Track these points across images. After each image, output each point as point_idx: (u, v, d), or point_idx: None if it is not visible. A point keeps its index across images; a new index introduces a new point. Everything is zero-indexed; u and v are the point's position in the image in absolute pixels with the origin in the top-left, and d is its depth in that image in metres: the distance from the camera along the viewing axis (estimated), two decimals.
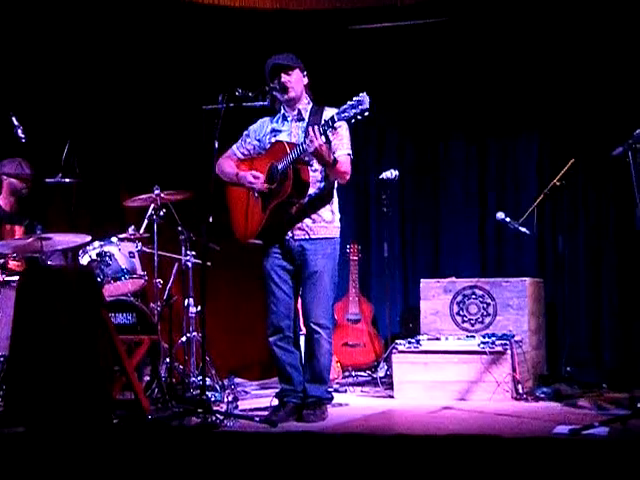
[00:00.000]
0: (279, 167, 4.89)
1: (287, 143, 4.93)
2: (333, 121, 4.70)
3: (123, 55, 6.90)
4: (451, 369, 5.73)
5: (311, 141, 4.70)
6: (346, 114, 4.64)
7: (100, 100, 6.83)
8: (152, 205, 6.03)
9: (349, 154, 5.02)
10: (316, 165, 4.95)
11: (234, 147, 5.28)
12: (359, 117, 4.64)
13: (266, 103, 5.04)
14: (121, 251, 5.91)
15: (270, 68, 5.03)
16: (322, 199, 5.03)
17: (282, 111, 5.13)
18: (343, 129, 4.96)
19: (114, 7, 6.74)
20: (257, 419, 4.80)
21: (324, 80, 5.38)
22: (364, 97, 4.61)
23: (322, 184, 5.02)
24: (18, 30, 6.47)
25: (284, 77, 5.02)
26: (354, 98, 4.63)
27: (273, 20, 7.12)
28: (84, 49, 6.75)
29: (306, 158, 4.87)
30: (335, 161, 4.87)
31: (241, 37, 7.09)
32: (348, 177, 5.04)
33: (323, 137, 4.74)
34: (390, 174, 6.70)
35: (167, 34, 6.99)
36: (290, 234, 5.02)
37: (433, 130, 7.38)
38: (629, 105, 6.30)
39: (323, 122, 4.77)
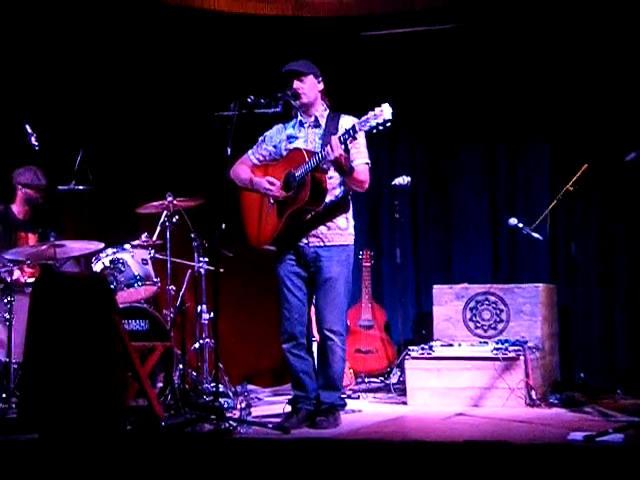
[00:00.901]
0: (297, 174, 4.89)
1: (306, 151, 4.93)
2: (355, 131, 4.69)
3: (136, 62, 6.93)
4: (464, 375, 5.71)
5: (332, 150, 4.70)
6: (368, 124, 4.63)
7: (113, 107, 6.86)
8: (165, 212, 6.05)
9: (367, 163, 5.03)
10: (332, 173, 4.95)
11: (249, 152, 5.29)
12: (380, 128, 4.63)
13: (278, 110, 5.04)
14: (134, 258, 5.92)
15: (283, 75, 5.05)
16: (338, 207, 5.03)
17: (298, 117, 5.14)
18: (361, 137, 4.94)
19: (128, 15, 6.77)
20: (270, 426, 4.80)
21: (337, 86, 5.37)
22: (386, 108, 4.60)
23: (338, 192, 5.02)
24: (32, 38, 6.50)
25: (296, 84, 5.03)
26: (376, 108, 4.62)
27: (286, 27, 7.14)
28: (97, 57, 6.78)
29: (324, 166, 4.87)
30: (352, 169, 4.87)
31: (254, 44, 7.11)
32: (367, 186, 5.04)
33: (342, 146, 4.74)
34: (402, 180, 6.70)
35: (180, 41, 7.02)
36: (305, 241, 5.02)
37: (445, 136, 7.38)
38: None
39: (344, 131, 4.75)
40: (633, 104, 6.48)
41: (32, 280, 5.70)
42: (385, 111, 4.60)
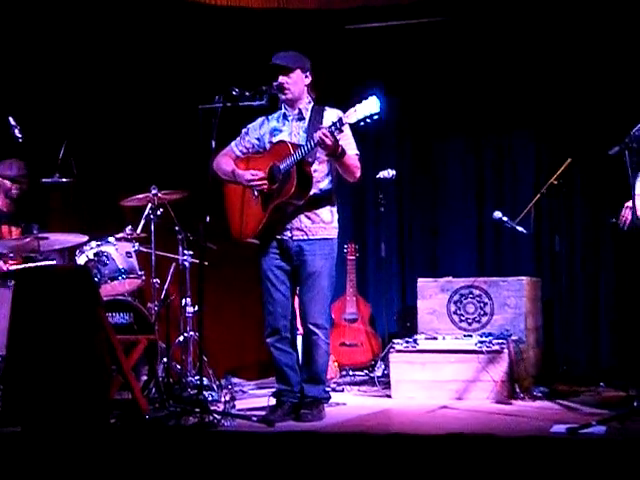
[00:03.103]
0: (281, 167, 4.88)
1: (290, 144, 4.91)
2: (341, 124, 4.68)
3: (120, 55, 6.89)
4: (448, 368, 5.73)
5: (323, 141, 4.68)
6: (355, 117, 4.62)
7: (97, 100, 6.82)
8: (149, 205, 6.03)
9: (357, 154, 5.03)
10: (317, 166, 4.95)
11: (232, 144, 5.27)
12: (368, 120, 4.62)
13: (263, 102, 5.02)
14: (118, 251, 5.90)
15: (270, 66, 5.01)
16: (322, 200, 5.02)
17: (282, 110, 5.12)
18: (347, 129, 4.93)
19: (111, 7, 6.74)
20: (254, 419, 4.80)
21: (323, 78, 5.36)
22: (374, 100, 4.59)
23: (323, 185, 5.02)
24: (16, 30, 6.46)
25: (282, 78, 5.00)
26: (363, 101, 4.61)
27: (271, 19, 7.12)
28: (81, 49, 6.74)
29: (309, 159, 4.87)
30: (344, 151, 4.83)
31: (239, 36, 7.08)
32: (359, 175, 5.03)
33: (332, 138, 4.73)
34: (387, 173, 6.70)
35: (164, 33, 6.98)
36: (289, 234, 5.01)
37: (430, 129, 7.39)
38: (625, 104, 6.30)
39: (331, 123, 4.74)
40: (617, 98, 6.51)
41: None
42: (373, 104, 4.59)
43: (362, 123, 4.66)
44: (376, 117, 4.61)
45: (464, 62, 7.18)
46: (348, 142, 4.98)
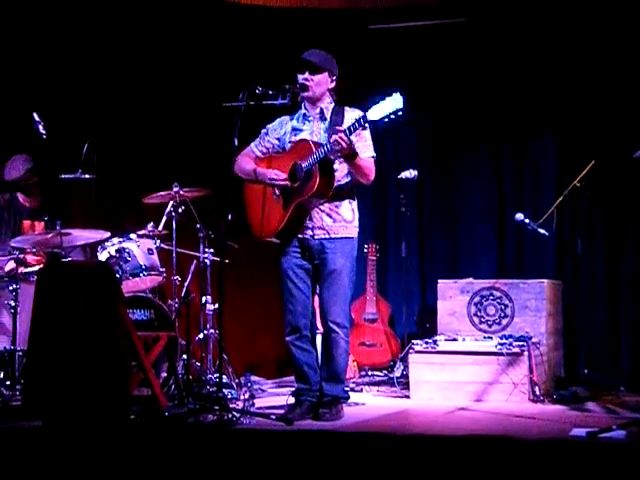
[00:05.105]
0: (303, 166, 4.88)
1: (312, 142, 4.91)
2: (365, 120, 4.68)
3: (144, 52, 6.92)
4: (468, 370, 5.72)
5: (338, 144, 4.68)
6: (380, 113, 4.62)
7: (120, 97, 6.86)
8: (171, 202, 6.05)
9: (373, 156, 5.02)
10: (338, 165, 4.94)
11: (252, 145, 5.27)
12: (392, 117, 4.62)
13: (286, 101, 5.02)
14: (140, 248, 5.92)
15: (300, 61, 4.98)
16: (343, 198, 5.02)
17: (302, 110, 5.12)
18: (366, 131, 4.94)
19: (135, 4, 6.77)
20: (273, 417, 4.80)
21: (343, 78, 5.35)
22: (397, 97, 4.60)
23: (344, 183, 5.01)
24: (39, 28, 6.50)
25: (308, 75, 4.98)
26: (387, 98, 4.62)
27: (294, 18, 7.13)
28: (105, 46, 6.78)
29: (331, 157, 4.86)
30: (355, 152, 4.83)
31: (262, 35, 7.10)
32: (372, 178, 5.02)
33: (346, 137, 4.72)
34: (409, 174, 6.69)
35: (187, 31, 7.01)
36: (310, 233, 5.01)
37: (452, 130, 7.36)
38: None
39: (354, 121, 4.73)
40: None
41: (37, 268, 5.72)
42: (396, 100, 4.59)
43: (386, 119, 4.66)
44: (400, 113, 4.61)
45: (487, 63, 7.15)
46: (366, 144, 4.98)
